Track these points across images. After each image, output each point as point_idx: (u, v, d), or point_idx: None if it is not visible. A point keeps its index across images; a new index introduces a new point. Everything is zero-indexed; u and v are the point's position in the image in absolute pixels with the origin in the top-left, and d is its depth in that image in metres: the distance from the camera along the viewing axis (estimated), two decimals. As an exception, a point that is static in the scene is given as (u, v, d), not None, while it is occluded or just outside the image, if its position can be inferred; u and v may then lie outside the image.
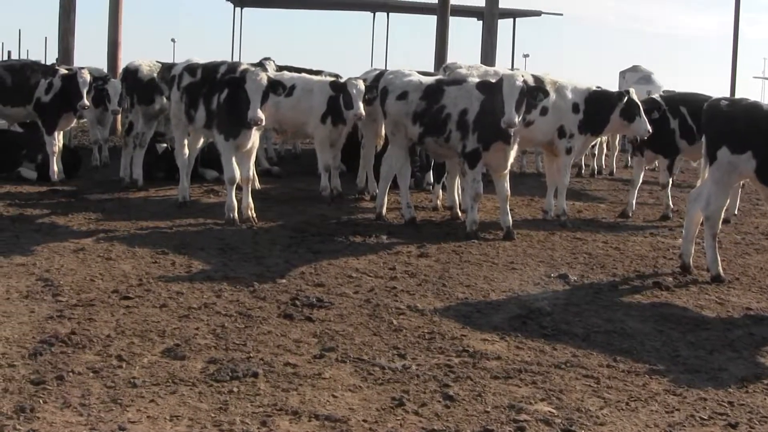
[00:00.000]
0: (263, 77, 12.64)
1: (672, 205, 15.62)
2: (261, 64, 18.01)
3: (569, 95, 14.13)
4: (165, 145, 18.26)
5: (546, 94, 12.74)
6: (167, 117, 17.33)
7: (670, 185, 15.61)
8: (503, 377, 7.01)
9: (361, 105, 14.99)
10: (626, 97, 14.03)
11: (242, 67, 13.28)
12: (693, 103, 15.05)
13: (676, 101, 15.55)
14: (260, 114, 12.44)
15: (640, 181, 15.65)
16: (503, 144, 12.51)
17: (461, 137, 12.78)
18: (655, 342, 8.12)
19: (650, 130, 14.00)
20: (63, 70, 17.84)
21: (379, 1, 50.70)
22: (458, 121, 12.83)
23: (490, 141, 12.52)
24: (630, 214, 15.59)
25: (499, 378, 7.00)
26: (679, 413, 6.44)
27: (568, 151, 14.20)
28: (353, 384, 6.74)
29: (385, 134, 14.98)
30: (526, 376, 7.05)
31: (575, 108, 14.11)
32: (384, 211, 14.05)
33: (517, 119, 12.02)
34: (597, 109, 14.15)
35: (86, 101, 16.89)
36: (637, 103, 14.07)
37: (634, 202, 15.85)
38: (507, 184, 12.94)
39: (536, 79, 13.46)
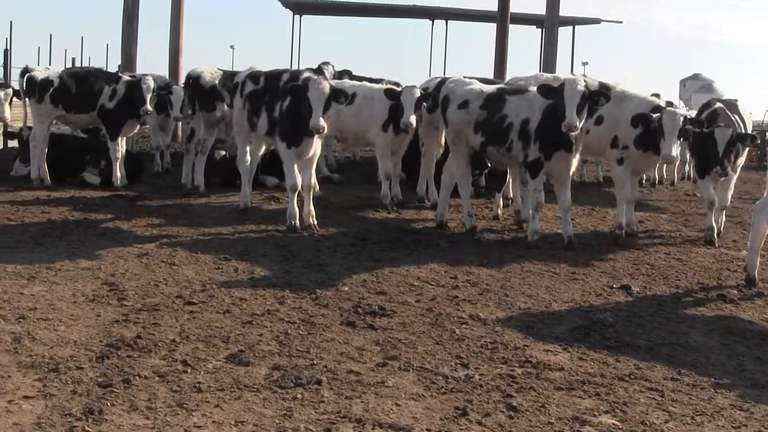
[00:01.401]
0: (326, 85, 12.69)
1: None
2: (319, 69, 18.12)
3: (631, 107, 13.62)
4: (223, 152, 18.40)
5: (608, 98, 12.53)
6: (228, 124, 17.52)
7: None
8: (566, 388, 6.99)
9: (413, 115, 15.01)
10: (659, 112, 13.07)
11: (304, 75, 13.32)
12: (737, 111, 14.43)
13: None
14: (322, 122, 12.48)
15: (715, 198, 13.83)
16: (565, 153, 12.45)
17: (523, 147, 12.72)
18: (720, 356, 8.05)
19: (668, 155, 12.80)
20: (126, 77, 18.05)
21: (438, 9, 50.73)
22: (520, 131, 12.77)
23: (552, 150, 12.47)
24: (715, 238, 14.03)
25: (562, 389, 6.97)
26: (746, 429, 6.37)
27: (620, 161, 13.76)
28: (416, 393, 6.74)
29: (446, 142, 14.97)
30: (590, 388, 7.01)
31: (634, 121, 13.40)
32: (445, 219, 14.04)
33: (578, 123, 11.97)
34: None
35: (149, 107, 17.05)
36: (661, 122, 12.81)
37: (715, 224, 14.15)
38: (569, 194, 12.88)
39: (603, 86, 13.29)
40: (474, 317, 8.90)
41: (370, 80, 19.67)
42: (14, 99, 18.34)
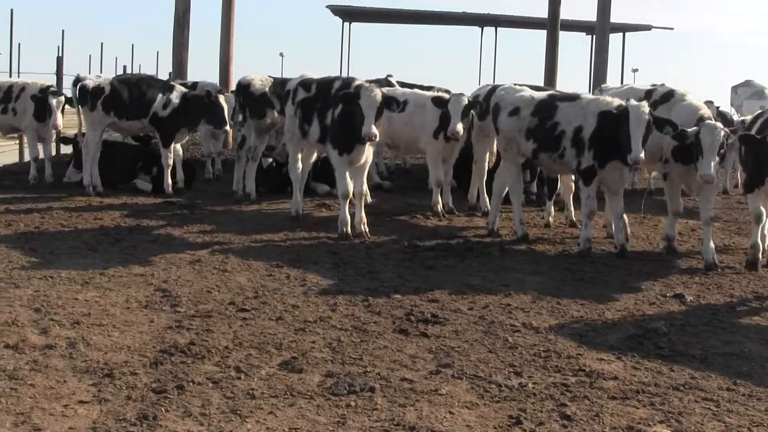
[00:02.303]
0: (378, 93, 12.70)
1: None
2: (387, 81, 18.21)
3: (680, 113, 13.19)
4: (270, 159, 18.48)
5: (675, 127, 12.13)
6: (278, 131, 17.59)
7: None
8: (621, 398, 6.93)
9: (460, 123, 14.97)
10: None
11: (356, 82, 13.34)
12: None
13: None
14: (374, 129, 12.49)
15: (763, 212, 11.90)
16: (620, 163, 12.34)
17: (576, 154, 12.63)
18: (776, 366, 7.95)
19: (707, 175, 11.51)
20: (179, 86, 18.22)
21: (488, 16, 50.73)
22: (573, 138, 12.68)
23: (606, 159, 12.37)
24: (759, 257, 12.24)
25: (616, 398, 6.91)
26: (804, 440, 6.30)
27: (664, 177, 13.09)
28: (470, 401, 6.72)
29: (498, 150, 14.93)
30: (644, 398, 6.95)
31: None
32: (496, 227, 14.00)
33: (643, 154, 11.79)
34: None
35: (228, 128, 17.13)
36: (699, 138, 11.70)
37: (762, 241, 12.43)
38: (621, 202, 12.78)
39: (668, 93, 12.91)
40: (527, 325, 8.86)
41: (421, 88, 19.66)
42: (66, 106, 18.57)
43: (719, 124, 12.06)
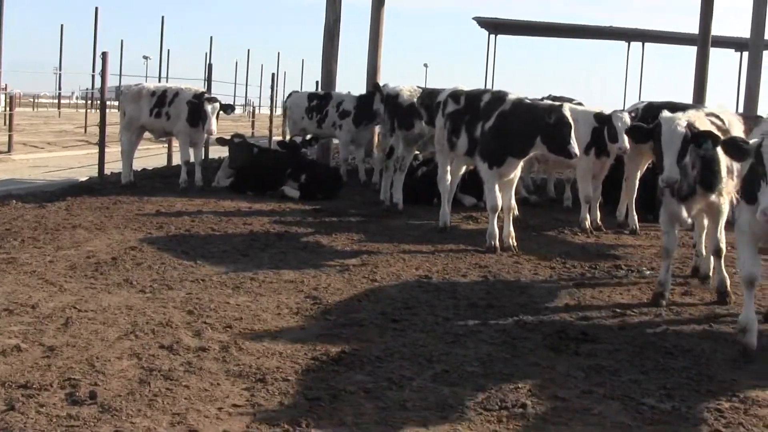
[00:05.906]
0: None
1: None
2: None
3: None
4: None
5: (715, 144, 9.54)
6: (426, 141, 17.68)
7: None
8: (777, 427, 6.73)
9: (626, 138, 14.80)
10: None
11: (510, 96, 13.27)
12: None
13: None
14: (577, 148, 12.53)
15: None
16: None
17: None
18: None
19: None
20: None
21: (636, 31, 49.97)
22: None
23: None
24: None
25: (773, 428, 6.72)
26: None
27: None
28: (622, 422, 6.60)
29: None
30: (804, 429, 6.73)
31: None
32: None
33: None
34: None
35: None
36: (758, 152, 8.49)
37: None
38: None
39: None
40: (678, 347, 8.65)
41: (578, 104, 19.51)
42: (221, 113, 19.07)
43: None
